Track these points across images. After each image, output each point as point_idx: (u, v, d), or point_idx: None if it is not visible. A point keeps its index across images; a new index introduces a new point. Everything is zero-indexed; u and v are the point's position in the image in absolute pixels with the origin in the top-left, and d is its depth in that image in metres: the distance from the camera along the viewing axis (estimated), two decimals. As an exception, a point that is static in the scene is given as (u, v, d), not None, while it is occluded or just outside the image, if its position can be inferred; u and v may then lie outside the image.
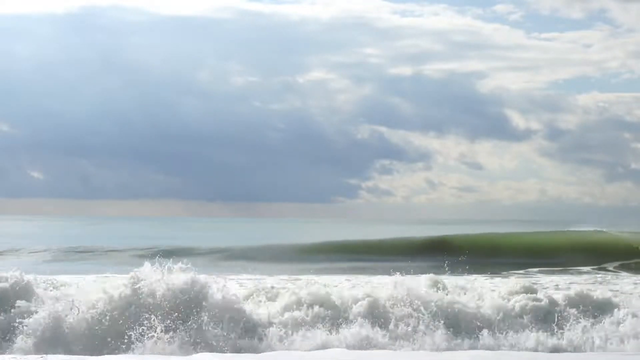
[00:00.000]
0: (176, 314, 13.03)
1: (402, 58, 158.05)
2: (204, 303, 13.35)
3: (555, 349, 13.22)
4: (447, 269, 17.05)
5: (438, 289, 14.71)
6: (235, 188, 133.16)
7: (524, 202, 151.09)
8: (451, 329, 13.58)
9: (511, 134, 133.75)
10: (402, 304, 13.99)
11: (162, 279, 13.45)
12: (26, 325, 12.89)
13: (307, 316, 13.74)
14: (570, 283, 21.73)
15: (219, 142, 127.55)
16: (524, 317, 14.24)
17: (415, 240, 37.64)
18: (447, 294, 14.60)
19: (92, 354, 12.08)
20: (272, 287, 15.77)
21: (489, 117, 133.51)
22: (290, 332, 13.36)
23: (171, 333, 12.68)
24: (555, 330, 13.71)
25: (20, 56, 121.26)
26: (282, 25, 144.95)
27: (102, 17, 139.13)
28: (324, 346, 12.83)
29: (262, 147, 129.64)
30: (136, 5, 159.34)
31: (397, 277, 14.57)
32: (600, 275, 26.29)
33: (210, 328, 13.00)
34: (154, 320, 12.77)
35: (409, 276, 14.60)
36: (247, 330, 13.35)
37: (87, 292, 13.72)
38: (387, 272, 15.25)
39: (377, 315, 13.87)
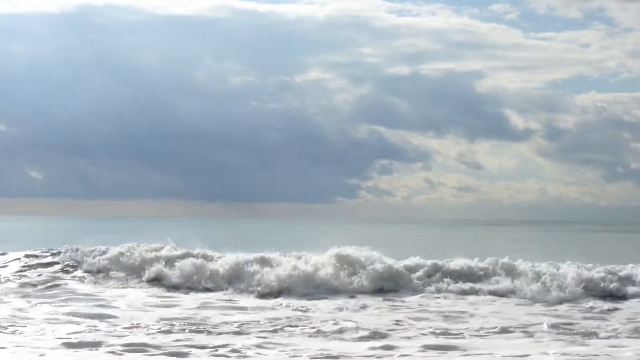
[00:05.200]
0: None
1: (399, 57, 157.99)
2: None
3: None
4: None
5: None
6: (235, 188, 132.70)
7: (523, 202, 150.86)
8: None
9: (510, 134, 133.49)
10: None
11: None
12: None
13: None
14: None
15: (217, 142, 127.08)
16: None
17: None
18: None
19: None
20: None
21: (488, 116, 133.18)
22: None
23: None
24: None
25: (16, 56, 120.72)
26: (279, 24, 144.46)
27: (98, 16, 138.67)
28: None
29: (260, 147, 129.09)
30: (132, 4, 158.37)
31: None
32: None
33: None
34: None
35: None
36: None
37: None
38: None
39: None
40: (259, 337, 13.30)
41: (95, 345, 12.34)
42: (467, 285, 19.80)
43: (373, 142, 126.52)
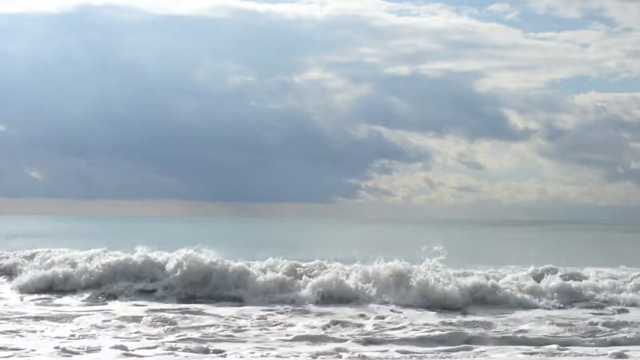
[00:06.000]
0: None
1: (398, 57, 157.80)
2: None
3: None
4: None
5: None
6: (235, 188, 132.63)
7: (523, 202, 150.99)
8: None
9: (510, 134, 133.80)
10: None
11: None
12: None
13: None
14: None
15: (217, 142, 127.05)
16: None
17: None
18: None
19: None
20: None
21: (487, 116, 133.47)
22: None
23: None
24: None
25: (16, 56, 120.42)
26: (278, 24, 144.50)
27: (97, 16, 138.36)
28: None
29: (260, 147, 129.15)
30: (131, 4, 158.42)
31: None
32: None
33: None
34: None
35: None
36: None
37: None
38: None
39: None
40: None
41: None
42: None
43: (373, 142, 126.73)
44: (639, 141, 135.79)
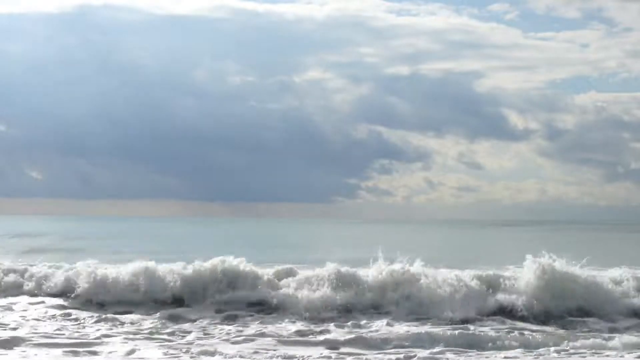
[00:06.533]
0: None
1: (398, 57, 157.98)
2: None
3: None
4: None
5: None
6: (234, 188, 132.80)
7: (523, 202, 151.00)
8: None
9: (510, 134, 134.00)
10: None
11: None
12: None
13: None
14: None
15: (216, 142, 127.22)
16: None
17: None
18: None
19: None
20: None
21: (487, 116, 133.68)
22: None
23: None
24: None
25: (16, 56, 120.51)
26: (278, 24, 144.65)
27: (97, 16, 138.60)
28: None
29: (260, 147, 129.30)
30: (130, 4, 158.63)
31: None
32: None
33: None
34: None
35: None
36: None
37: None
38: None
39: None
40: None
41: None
42: None
43: (373, 142, 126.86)
44: (639, 141, 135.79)
